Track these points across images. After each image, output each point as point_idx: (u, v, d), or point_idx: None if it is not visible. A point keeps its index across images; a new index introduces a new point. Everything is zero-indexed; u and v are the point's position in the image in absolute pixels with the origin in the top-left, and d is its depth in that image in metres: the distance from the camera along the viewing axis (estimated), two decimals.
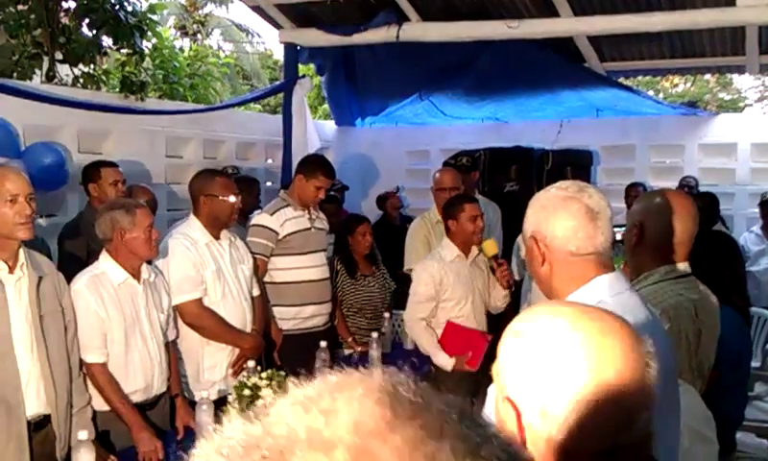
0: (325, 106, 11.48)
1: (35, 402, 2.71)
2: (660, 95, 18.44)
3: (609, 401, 1.01)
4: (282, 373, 3.18)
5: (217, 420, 3.03)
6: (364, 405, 0.54)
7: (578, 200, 1.72)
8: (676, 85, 20.87)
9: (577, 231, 1.70)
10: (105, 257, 3.18)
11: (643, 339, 1.08)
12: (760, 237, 6.67)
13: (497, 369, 1.11)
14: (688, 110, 8.01)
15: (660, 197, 2.50)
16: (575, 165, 7.14)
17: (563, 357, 1.04)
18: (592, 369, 1.02)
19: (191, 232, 3.71)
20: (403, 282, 5.06)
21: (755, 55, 6.96)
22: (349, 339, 4.80)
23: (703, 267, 2.68)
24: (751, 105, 21.21)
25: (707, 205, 5.43)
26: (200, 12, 22.45)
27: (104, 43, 6.82)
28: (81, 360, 3.01)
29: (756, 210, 6.73)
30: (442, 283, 4.13)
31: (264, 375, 3.12)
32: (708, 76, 16.30)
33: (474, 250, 4.24)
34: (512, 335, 1.11)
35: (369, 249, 4.98)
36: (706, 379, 2.50)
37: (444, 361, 4.06)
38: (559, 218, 1.72)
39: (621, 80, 7.99)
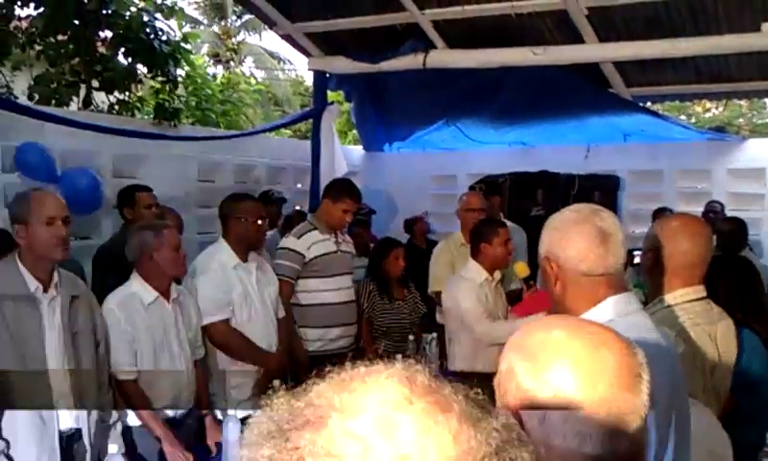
0: (355, 131, 11.63)
1: (67, 417, 2.80)
2: (693, 120, 18.31)
3: (602, 410, 1.07)
4: None
5: (243, 438, 3.11)
6: (388, 384, 0.68)
7: (590, 222, 1.77)
8: (708, 110, 20.70)
9: (588, 253, 1.75)
10: (135, 278, 3.29)
11: (637, 351, 1.14)
12: None
13: (498, 380, 1.18)
14: (716, 135, 7.97)
15: (675, 221, 2.54)
16: (602, 190, 7.16)
17: (559, 368, 1.10)
18: (587, 379, 1.09)
19: (220, 255, 3.81)
20: (430, 307, 5.14)
21: None
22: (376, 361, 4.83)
23: (723, 291, 2.71)
24: None
25: (734, 229, 5.40)
26: (233, 40, 22.85)
27: (138, 71, 7.03)
28: (111, 377, 3.11)
29: None
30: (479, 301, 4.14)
31: None
32: (739, 100, 16.13)
33: (497, 274, 4.27)
34: (510, 347, 1.18)
35: (401, 272, 5.05)
36: (722, 402, 2.51)
37: None
38: (571, 239, 1.77)
39: (648, 105, 7.98)
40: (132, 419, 3.18)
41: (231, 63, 22.10)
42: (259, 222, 3.84)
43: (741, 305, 2.89)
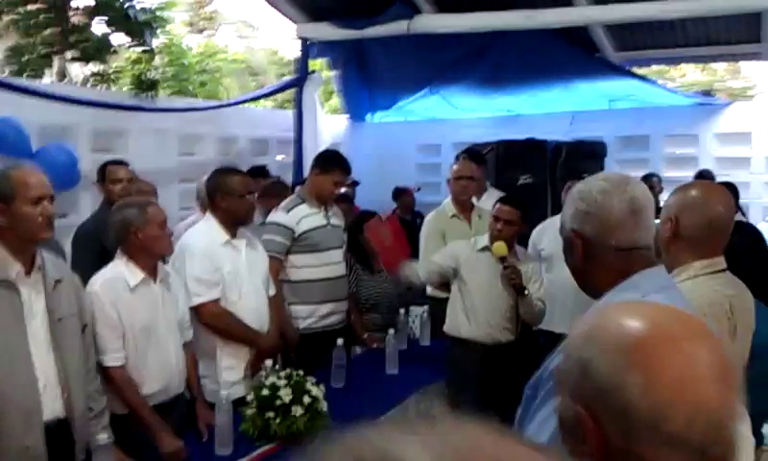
0: (335, 101, 11.45)
1: (52, 407, 2.65)
2: (670, 85, 18.30)
3: (700, 415, 0.92)
4: (301, 372, 3.15)
5: (236, 420, 3.00)
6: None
7: (620, 192, 1.66)
8: (684, 75, 20.65)
9: (618, 225, 1.65)
10: (120, 258, 3.14)
11: (724, 343, 1.00)
12: None
13: (564, 372, 1.02)
14: (703, 99, 7.92)
15: (696, 190, 2.43)
16: (588, 156, 7.07)
17: (647, 364, 0.94)
18: (681, 378, 0.93)
19: (208, 232, 3.65)
20: None
21: None
22: (365, 335, 4.73)
23: (733, 259, 2.62)
24: (762, 92, 20.95)
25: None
26: (206, 9, 22.41)
27: (115, 42, 6.81)
28: (98, 363, 2.96)
29: None
30: (460, 262, 4.08)
31: (282, 374, 3.08)
32: (717, 65, 16.13)
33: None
34: (584, 337, 1.01)
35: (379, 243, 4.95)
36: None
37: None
38: (600, 211, 1.66)
39: (635, 69, 7.90)
40: (121, 406, 3.04)
41: (206, 32, 21.69)
42: (248, 196, 3.68)
43: (756, 274, 2.81)
